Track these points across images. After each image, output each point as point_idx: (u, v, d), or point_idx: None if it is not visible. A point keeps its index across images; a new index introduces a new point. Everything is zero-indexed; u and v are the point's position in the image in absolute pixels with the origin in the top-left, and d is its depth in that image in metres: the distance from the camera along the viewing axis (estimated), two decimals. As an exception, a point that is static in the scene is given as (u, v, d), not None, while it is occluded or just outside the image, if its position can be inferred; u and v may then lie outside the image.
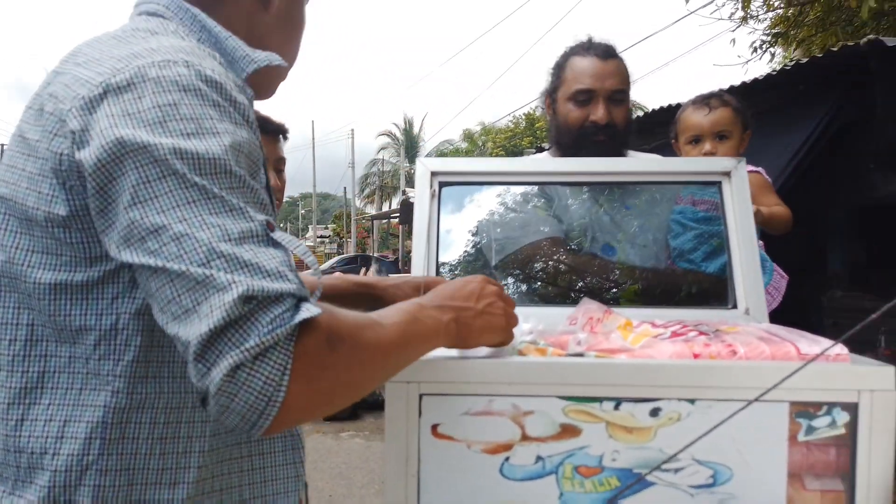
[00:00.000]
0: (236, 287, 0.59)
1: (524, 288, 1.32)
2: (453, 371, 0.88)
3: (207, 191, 0.64)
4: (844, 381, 0.85)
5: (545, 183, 1.37)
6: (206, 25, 0.82)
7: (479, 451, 0.87)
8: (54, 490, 0.70)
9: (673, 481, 0.86)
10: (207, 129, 0.66)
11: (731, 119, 1.75)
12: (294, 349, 0.61)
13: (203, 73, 0.69)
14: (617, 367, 0.87)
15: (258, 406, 0.59)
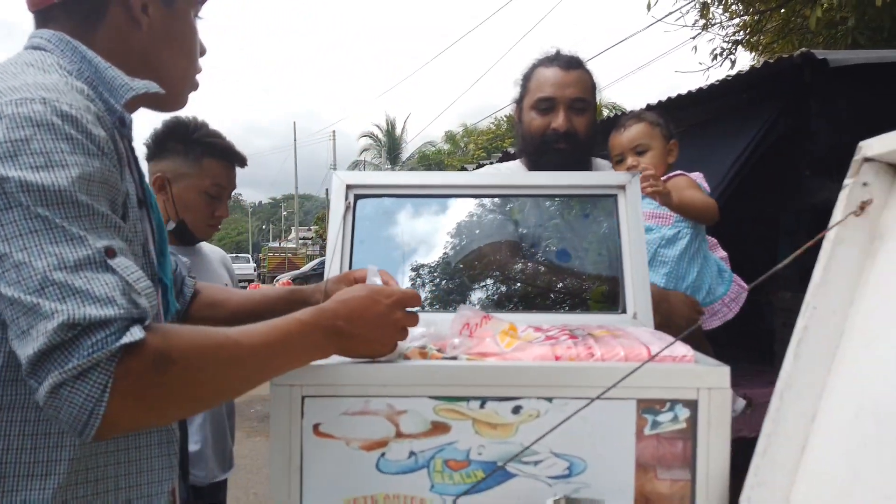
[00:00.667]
0: (58, 316, 0.67)
1: (430, 295, 1.40)
2: (333, 375, 0.95)
3: (49, 221, 0.71)
4: (685, 380, 0.93)
5: (454, 196, 1.44)
6: (87, 56, 0.89)
7: (357, 448, 0.95)
8: None
9: (533, 473, 0.94)
10: (56, 162, 0.73)
11: (645, 133, 1.83)
12: (116, 370, 0.68)
13: (59, 109, 0.76)
14: (481, 369, 0.95)
15: (81, 418, 0.68)
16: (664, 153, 1.84)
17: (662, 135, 1.84)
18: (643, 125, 1.83)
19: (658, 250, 1.67)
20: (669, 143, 1.84)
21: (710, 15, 6.30)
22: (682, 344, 0.97)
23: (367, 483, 0.94)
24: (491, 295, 1.42)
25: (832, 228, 0.86)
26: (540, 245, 1.45)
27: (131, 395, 0.69)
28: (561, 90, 1.71)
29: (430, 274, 1.43)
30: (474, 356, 1.00)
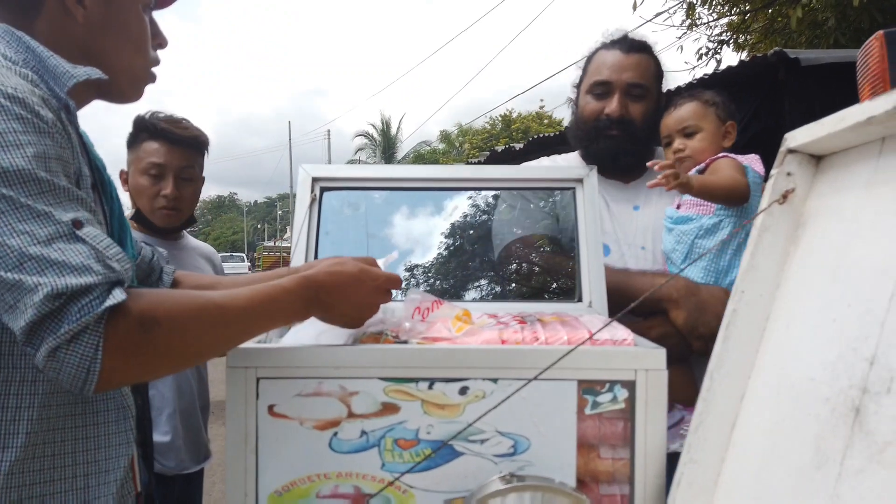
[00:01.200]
0: (42, 288, 0.72)
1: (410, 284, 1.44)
2: (287, 357, 0.99)
3: (14, 201, 0.75)
4: (623, 361, 0.97)
5: (418, 189, 1.48)
6: (30, 46, 0.92)
7: (311, 428, 0.98)
8: None
9: (479, 451, 0.98)
10: (11, 143, 0.77)
11: (696, 113, 1.62)
12: (105, 330, 0.73)
13: (5, 92, 0.80)
14: (429, 352, 0.99)
15: (80, 376, 0.73)
16: (717, 135, 1.62)
17: (717, 115, 1.63)
18: (695, 104, 1.63)
19: (695, 241, 1.51)
20: (725, 126, 1.63)
21: (696, 15, 6.37)
22: (622, 327, 1.01)
23: (321, 462, 0.98)
24: (453, 284, 1.46)
25: (758, 216, 0.90)
26: (500, 236, 1.49)
27: (121, 352, 0.74)
28: (618, 74, 1.61)
29: (395, 265, 1.47)
30: (425, 340, 1.04)
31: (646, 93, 1.63)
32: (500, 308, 1.30)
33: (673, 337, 1.38)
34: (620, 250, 1.61)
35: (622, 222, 1.64)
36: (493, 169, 1.47)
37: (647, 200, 1.66)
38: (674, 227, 1.53)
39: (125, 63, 1.03)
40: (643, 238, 1.61)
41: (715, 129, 1.62)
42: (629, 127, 1.61)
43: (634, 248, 1.60)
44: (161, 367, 0.84)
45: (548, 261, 1.46)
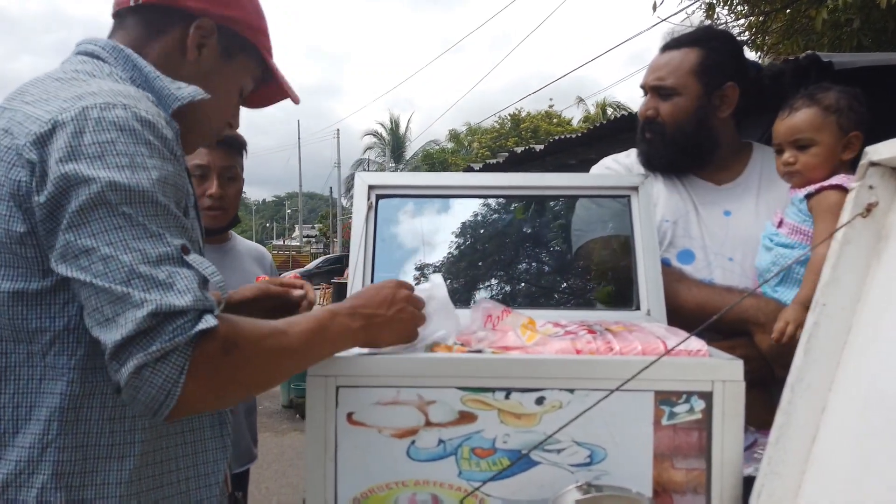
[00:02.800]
0: (147, 305, 0.73)
1: (454, 292, 1.45)
2: (366, 366, 1.00)
3: (133, 219, 0.77)
4: (700, 373, 0.98)
5: (471, 196, 1.49)
6: (138, 65, 0.95)
7: (389, 436, 1.00)
8: (20, 463, 0.83)
9: (556, 461, 0.99)
10: (139, 164, 0.80)
11: (811, 122, 1.41)
12: (192, 354, 0.75)
13: (138, 115, 0.82)
14: (506, 362, 1.00)
15: (159, 398, 0.74)
16: (834, 149, 1.41)
17: (839, 125, 1.40)
18: (812, 112, 1.41)
19: (796, 267, 1.39)
20: (848, 136, 1.40)
21: (715, 15, 6.34)
22: (697, 339, 1.02)
23: (399, 469, 1.00)
24: (507, 291, 1.47)
25: (840, 229, 0.90)
26: (556, 243, 1.50)
27: (203, 376, 0.76)
28: (648, 75, 1.59)
29: (448, 271, 1.48)
30: (498, 349, 1.05)
31: (672, 91, 1.56)
32: (558, 316, 1.30)
33: (755, 360, 1.34)
34: (707, 259, 1.54)
35: (711, 228, 1.56)
36: (547, 177, 1.48)
37: (740, 206, 1.58)
38: (773, 248, 1.44)
39: (202, 117, 1.05)
40: (732, 248, 1.54)
41: (833, 142, 1.41)
42: (659, 128, 1.58)
43: (722, 258, 1.54)
44: (233, 392, 0.85)
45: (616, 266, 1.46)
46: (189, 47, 1.00)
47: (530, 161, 6.36)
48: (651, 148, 1.60)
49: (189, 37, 1.00)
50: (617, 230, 1.47)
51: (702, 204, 1.59)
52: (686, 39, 1.60)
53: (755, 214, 1.56)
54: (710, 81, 1.56)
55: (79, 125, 0.79)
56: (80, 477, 0.85)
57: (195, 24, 1.00)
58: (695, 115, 1.57)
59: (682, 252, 1.57)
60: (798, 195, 1.43)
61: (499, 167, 6.99)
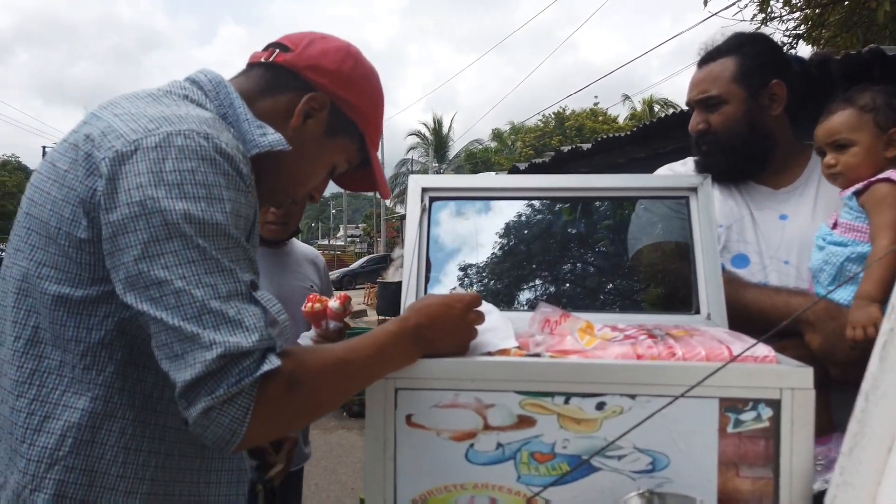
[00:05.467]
0: (216, 348, 0.74)
1: (509, 295, 1.44)
2: (425, 369, 1.00)
3: (206, 252, 0.78)
4: (768, 380, 0.95)
5: (525, 198, 1.48)
6: (234, 104, 0.97)
7: (447, 439, 1.00)
8: (26, 476, 0.82)
9: (617, 467, 0.98)
10: (215, 196, 0.80)
11: (848, 122, 1.42)
12: (257, 394, 0.76)
13: (219, 146, 0.83)
14: (566, 366, 0.99)
15: (225, 437, 0.75)
16: (875, 147, 1.41)
17: (876, 124, 1.41)
18: (847, 113, 1.43)
19: (845, 263, 1.38)
20: (889, 133, 1.40)
21: (769, 9, 6.17)
22: (764, 344, 0.99)
23: (457, 472, 1.00)
24: (561, 294, 1.45)
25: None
26: (611, 245, 1.48)
27: (267, 414, 0.77)
28: (691, 92, 1.63)
29: (500, 273, 1.48)
30: (557, 353, 1.04)
31: (718, 101, 1.58)
32: (615, 319, 1.28)
33: (807, 361, 1.31)
34: (762, 262, 1.54)
35: (766, 232, 1.56)
36: (604, 178, 1.46)
37: (798, 210, 1.57)
38: (825, 246, 1.43)
39: (289, 181, 1.08)
40: (787, 251, 1.53)
41: (872, 141, 1.41)
42: (713, 139, 1.60)
43: (777, 261, 1.53)
44: (297, 424, 0.87)
45: (671, 269, 1.43)
46: (296, 114, 1.02)
47: (577, 160, 6.28)
48: (708, 158, 1.61)
49: (300, 104, 1.02)
50: (675, 232, 1.44)
51: (757, 208, 1.59)
52: (721, 50, 1.62)
53: (812, 218, 1.55)
54: (754, 83, 1.57)
55: (162, 152, 0.80)
56: None
57: (309, 95, 1.03)
58: (746, 119, 1.58)
59: (736, 256, 1.57)
60: (847, 194, 1.42)
61: (545, 166, 6.93)
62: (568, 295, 1.45)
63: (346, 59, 1.06)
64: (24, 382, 0.84)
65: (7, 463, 0.84)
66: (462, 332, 1.03)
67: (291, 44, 1.05)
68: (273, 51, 1.04)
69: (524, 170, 7.82)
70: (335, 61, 1.04)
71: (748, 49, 1.60)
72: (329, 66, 1.04)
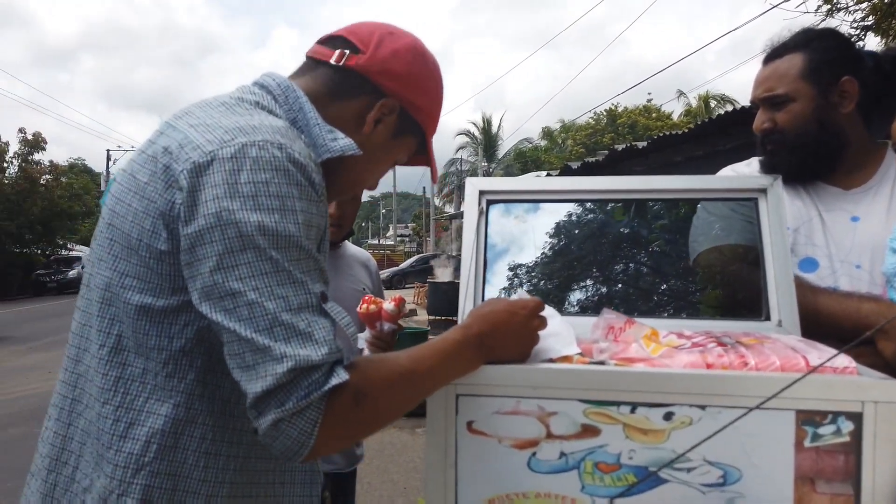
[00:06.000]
0: (287, 361, 0.75)
1: (566, 299, 1.42)
2: (486, 375, 0.99)
3: (279, 264, 0.78)
4: (849, 392, 0.91)
5: (586, 200, 1.45)
6: (304, 109, 0.97)
7: (509, 447, 0.99)
8: (113, 481, 0.84)
9: (685, 479, 0.94)
10: (288, 208, 0.81)
11: None
12: (325, 407, 0.76)
13: (292, 156, 0.84)
14: (632, 375, 0.96)
15: (293, 448, 0.76)
16: None
17: None
18: None
19: None
20: None
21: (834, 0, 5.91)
22: (844, 355, 0.94)
23: (520, 480, 0.98)
24: (624, 299, 1.42)
25: None
26: (673, 248, 1.44)
27: (334, 427, 0.77)
28: (756, 89, 1.58)
29: (560, 278, 1.45)
30: (622, 361, 1.01)
31: (789, 98, 1.53)
32: (681, 325, 1.25)
33: (881, 370, 1.26)
34: (832, 267, 1.48)
35: (836, 235, 1.50)
36: (666, 179, 1.42)
37: (870, 211, 1.50)
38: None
39: (356, 180, 1.09)
40: (859, 255, 1.47)
41: None
42: (779, 138, 1.55)
43: (848, 265, 1.47)
44: (362, 435, 0.87)
45: (740, 274, 1.38)
46: (368, 121, 1.03)
47: (631, 158, 6.16)
48: (774, 157, 1.56)
49: (372, 112, 1.03)
50: (740, 234, 1.40)
51: (827, 210, 1.53)
52: (788, 46, 1.56)
53: (886, 219, 1.47)
54: (823, 80, 1.52)
55: (237, 163, 0.81)
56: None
57: (381, 102, 1.03)
58: (815, 117, 1.52)
59: (804, 260, 1.51)
60: None
61: (598, 165, 6.82)
62: (631, 300, 1.41)
63: (415, 59, 1.05)
64: (109, 389, 0.86)
65: (94, 466, 0.86)
66: (525, 340, 1.01)
67: (360, 42, 1.03)
68: (343, 52, 1.02)
69: (576, 169, 7.71)
70: (405, 63, 1.03)
71: (817, 45, 1.55)
72: (400, 70, 1.03)
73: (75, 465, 0.88)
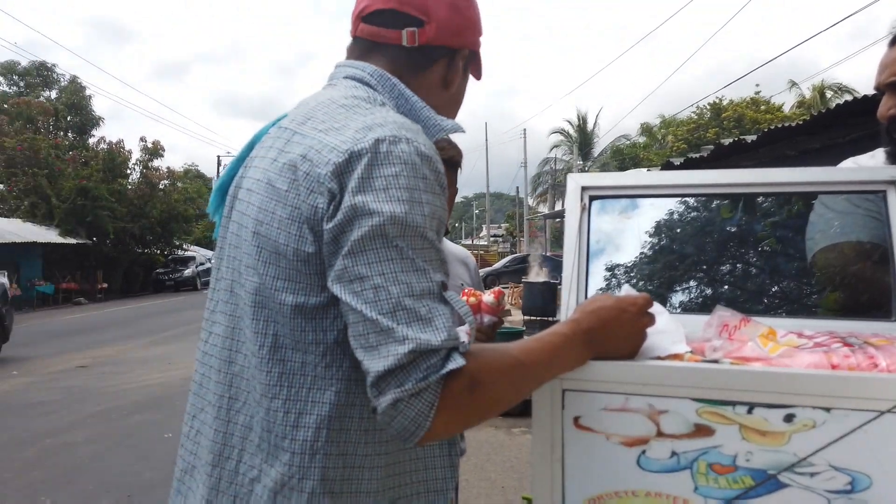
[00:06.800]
0: (409, 343, 0.78)
1: (668, 298, 1.38)
2: (594, 371, 0.98)
3: (404, 252, 0.83)
4: None
5: (695, 195, 1.41)
6: (405, 95, 1.02)
7: (618, 444, 0.97)
8: (292, 467, 0.90)
9: (808, 484, 0.90)
10: (416, 200, 0.85)
11: None
12: (441, 391, 0.79)
13: (419, 150, 0.88)
14: (749, 374, 0.92)
15: (410, 429, 0.79)
16: None
17: None
18: None
19: None
20: None
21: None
22: None
23: (629, 478, 0.97)
24: (731, 300, 1.36)
25: None
26: (792, 244, 1.36)
27: (449, 411, 0.80)
28: (880, 75, 1.50)
29: (662, 277, 1.42)
30: (737, 360, 0.98)
31: None
32: (799, 325, 1.18)
33: None
34: None
35: None
36: (782, 172, 1.35)
37: None
38: None
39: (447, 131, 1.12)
40: None
41: None
42: None
43: None
44: (474, 422, 0.88)
45: (863, 273, 1.30)
46: (452, 80, 1.07)
47: (739, 153, 5.85)
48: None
49: (453, 70, 1.07)
50: (866, 231, 1.31)
51: None
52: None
53: None
54: None
55: (371, 158, 0.86)
56: (339, 484, 0.90)
57: (458, 57, 1.08)
58: None
59: None
60: None
61: (702, 161, 6.53)
62: (744, 298, 1.35)
63: (468, 5, 1.08)
64: (274, 385, 0.92)
65: (264, 458, 0.93)
66: (634, 336, 1.00)
67: (417, 11, 1.03)
68: (412, 32, 1.03)
69: (678, 165, 7.43)
70: (463, 11, 1.07)
71: None
72: (463, 23, 1.06)
73: (238, 458, 0.95)
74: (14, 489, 4.86)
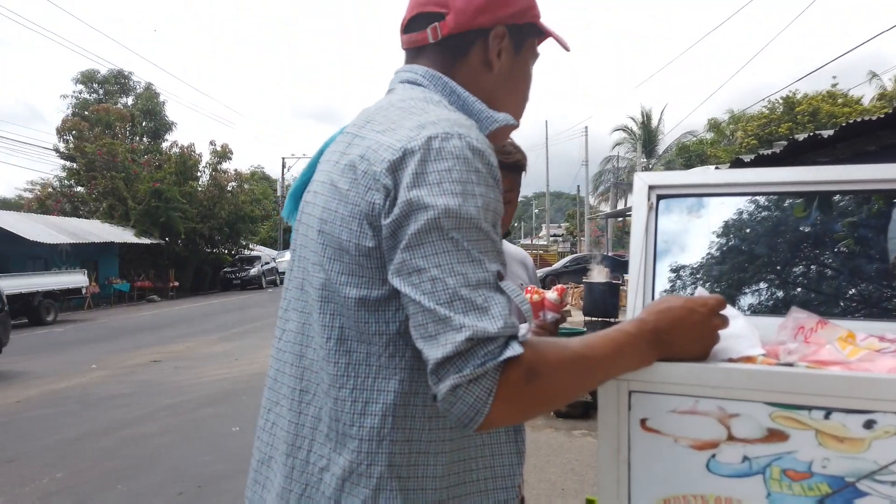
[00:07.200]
0: (465, 331, 0.80)
1: (737, 300, 1.34)
2: (662, 373, 0.97)
3: (459, 244, 0.85)
4: None
5: (767, 194, 1.37)
6: (455, 90, 1.04)
7: (686, 447, 0.96)
8: (360, 454, 0.94)
9: (890, 494, 0.86)
10: (469, 192, 0.87)
11: None
12: (499, 378, 0.80)
13: (471, 144, 0.90)
14: (826, 378, 0.89)
15: (469, 415, 0.81)
16: None
17: None
18: None
19: None
20: None
21: None
22: None
23: (697, 481, 0.95)
24: (805, 302, 1.32)
25: None
26: (872, 244, 1.31)
27: (507, 399, 0.81)
28: None
29: (730, 279, 1.38)
30: (813, 363, 0.95)
31: None
32: (881, 328, 1.14)
33: None
34: None
35: None
36: (859, 169, 1.30)
37: None
38: None
39: (517, 110, 1.13)
40: None
41: None
42: None
43: None
44: (532, 413, 0.89)
45: None
46: (492, 60, 1.07)
47: (815, 150, 5.59)
48: None
49: (489, 50, 1.07)
50: None
51: None
52: None
53: None
54: None
55: (424, 154, 0.88)
56: (406, 469, 0.93)
57: (491, 36, 1.07)
58: None
59: None
60: None
61: (774, 158, 6.28)
62: (810, 303, 1.31)
63: None
64: (342, 376, 0.96)
65: (333, 447, 0.97)
66: (704, 338, 0.98)
67: (437, 5, 1.06)
68: (434, 27, 1.06)
69: (749, 162, 7.17)
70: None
71: None
72: (484, 2, 1.05)
73: (308, 448, 0.99)
74: (92, 476, 5.15)
